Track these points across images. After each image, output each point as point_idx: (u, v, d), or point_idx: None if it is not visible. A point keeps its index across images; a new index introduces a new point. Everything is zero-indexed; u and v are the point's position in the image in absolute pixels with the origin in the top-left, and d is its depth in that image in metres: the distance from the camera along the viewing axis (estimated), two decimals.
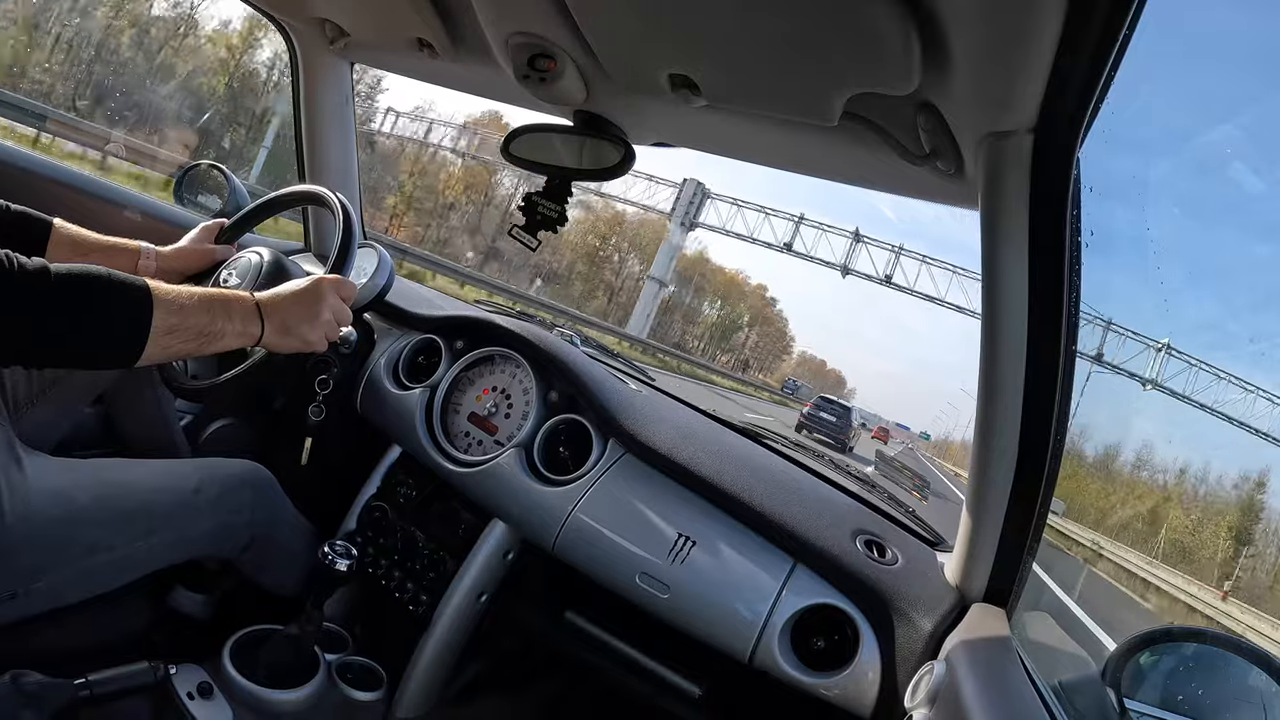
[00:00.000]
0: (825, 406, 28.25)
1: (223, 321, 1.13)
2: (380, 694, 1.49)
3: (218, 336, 1.13)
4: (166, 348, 1.05)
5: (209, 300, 1.12)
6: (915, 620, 1.25)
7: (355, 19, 1.54)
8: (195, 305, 1.09)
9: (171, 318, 1.05)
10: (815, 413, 27.68)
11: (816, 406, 28.32)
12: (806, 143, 1.20)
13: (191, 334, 1.08)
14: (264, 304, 1.20)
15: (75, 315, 0.96)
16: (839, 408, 28.48)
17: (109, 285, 1.00)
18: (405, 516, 1.67)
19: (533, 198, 1.39)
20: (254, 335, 1.19)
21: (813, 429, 26.09)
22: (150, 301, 1.03)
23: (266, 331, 1.20)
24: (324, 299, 1.28)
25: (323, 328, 1.28)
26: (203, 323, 1.10)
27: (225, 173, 1.93)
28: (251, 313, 1.18)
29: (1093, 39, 0.71)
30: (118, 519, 1.26)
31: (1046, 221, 0.92)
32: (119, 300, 1.01)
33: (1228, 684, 1.30)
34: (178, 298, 1.07)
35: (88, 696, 1.06)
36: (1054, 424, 1.05)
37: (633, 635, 1.55)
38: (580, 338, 2.13)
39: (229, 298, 1.16)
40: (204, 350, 1.12)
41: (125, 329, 1.01)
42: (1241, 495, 45.31)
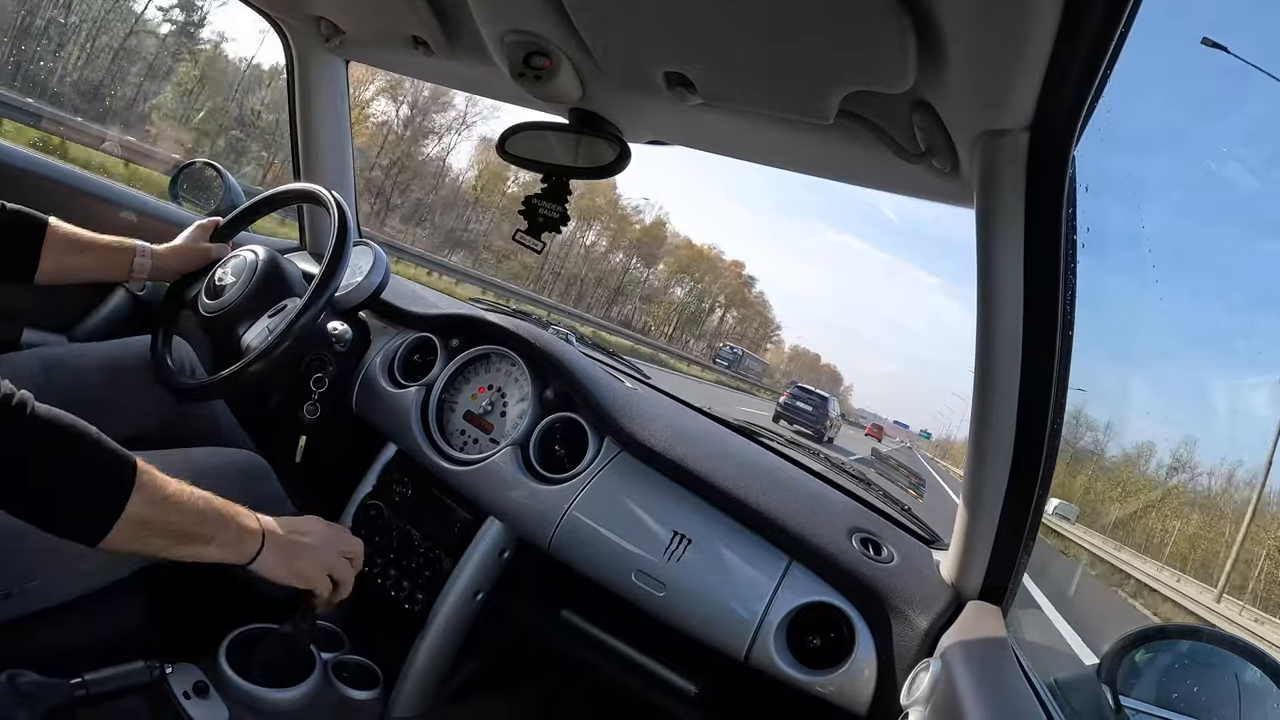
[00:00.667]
0: (802, 396, 28.33)
1: (215, 529, 1.06)
2: (376, 693, 1.49)
3: (201, 543, 1.05)
4: (134, 539, 0.97)
5: (206, 506, 1.05)
6: (911, 618, 1.25)
7: (351, 17, 1.54)
8: (187, 505, 1.02)
9: (152, 510, 0.97)
10: (792, 402, 27.71)
11: (793, 396, 28.34)
12: (802, 141, 1.20)
13: (170, 533, 1.01)
14: (270, 531, 1.14)
15: (38, 467, 0.89)
16: (815, 397, 28.47)
17: (92, 450, 0.93)
18: (401, 515, 1.67)
19: (533, 200, 1.39)
20: (249, 554, 1.11)
21: (789, 419, 26.03)
22: (132, 484, 0.95)
23: (264, 552, 1.13)
24: (328, 541, 1.23)
25: (324, 566, 1.21)
26: (188, 524, 1.02)
27: (220, 171, 1.93)
28: (252, 533, 1.12)
29: (1089, 37, 0.71)
30: None
31: (1042, 220, 0.92)
32: (99, 470, 0.93)
33: (1223, 681, 1.30)
34: (168, 494, 0.99)
35: (83, 696, 1.06)
36: (1049, 422, 1.06)
37: (629, 633, 1.55)
38: (576, 335, 2.13)
39: (229, 512, 1.09)
40: (178, 554, 1.04)
41: (93, 504, 0.93)
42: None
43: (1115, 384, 47.86)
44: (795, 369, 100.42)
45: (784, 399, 28.38)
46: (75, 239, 1.46)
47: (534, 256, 44.14)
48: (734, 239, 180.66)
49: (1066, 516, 33.90)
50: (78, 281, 1.52)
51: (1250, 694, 1.26)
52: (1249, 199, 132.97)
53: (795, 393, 28.66)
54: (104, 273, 1.53)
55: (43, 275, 1.43)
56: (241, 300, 1.54)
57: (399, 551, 1.64)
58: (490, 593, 1.62)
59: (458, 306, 1.98)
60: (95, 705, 1.08)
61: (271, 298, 1.56)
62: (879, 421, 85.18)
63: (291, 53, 1.93)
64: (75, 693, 1.05)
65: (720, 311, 75.85)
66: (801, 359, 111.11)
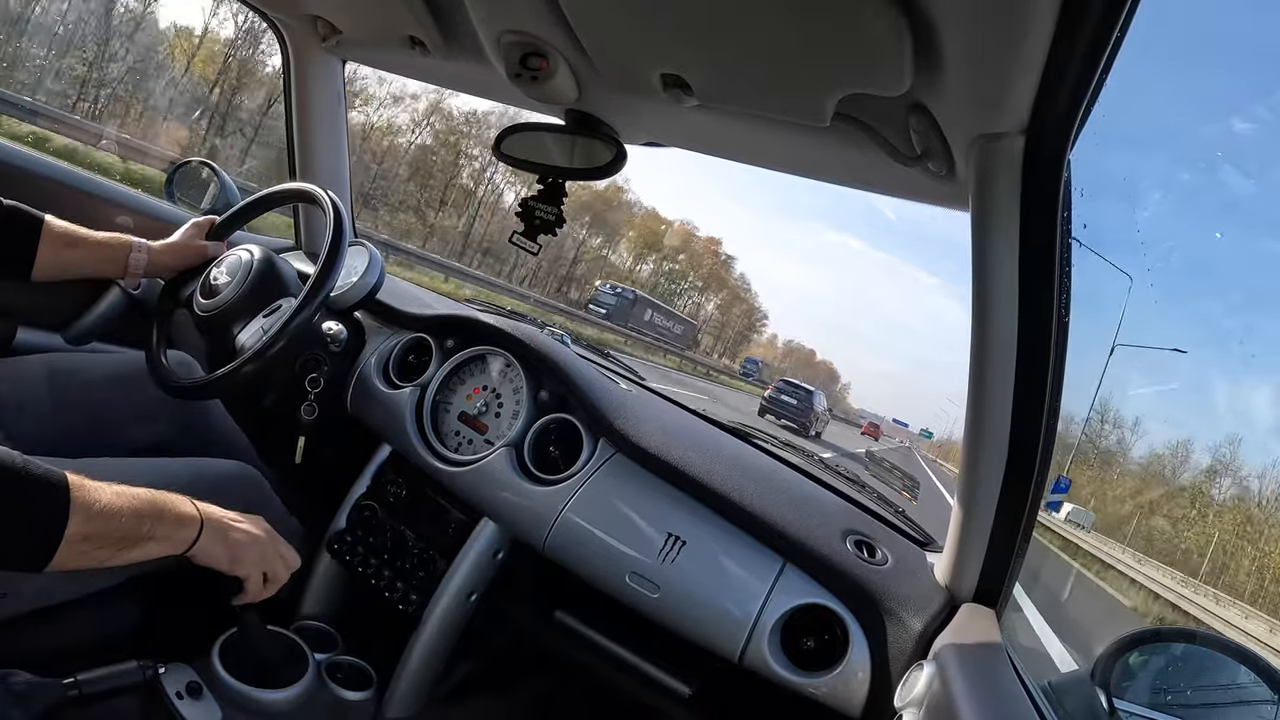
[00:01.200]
0: (787, 390, 28.32)
1: (154, 525, 1.03)
2: (370, 693, 1.49)
3: (144, 540, 1.02)
4: (81, 554, 0.95)
5: (141, 504, 1.03)
6: (905, 620, 1.25)
7: (347, 16, 1.54)
8: (124, 510, 0.99)
9: (91, 524, 0.94)
10: (777, 395, 27.74)
11: (778, 390, 28.37)
12: (798, 143, 1.20)
13: (113, 540, 0.99)
14: (203, 510, 1.12)
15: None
16: (801, 391, 28.38)
17: (22, 479, 0.90)
18: (395, 516, 1.67)
19: (529, 203, 1.39)
20: (186, 541, 1.09)
21: (774, 412, 26.20)
22: (68, 504, 0.93)
23: (202, 538, 1.10)
24: (269, 533, 1.22)
25: (262, 550, 1.19)
26: (128, 527, 1.00)
27: (215, 169, 1.93)
28: (189, 518, 1.09)
29: (1085, 41, 0.71)
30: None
31: (1037, 223, 0.92)
32: (31, 498, 0.91)
33: (1216, 684, 1.30)
34: (102, 503, 0.97)
35: (77, 696, 1.06)
36: (1044, 425, 1.06)
37: (623, 635, 1.55)
38: (570, 337, 2.13)
39: (160, 499, 1.07)
40: (123, 558, 1.01)
41: (31, 533, 0.91)
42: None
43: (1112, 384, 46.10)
44: (789, 366, 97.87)
45: (769, 393, 28.44)
46: (71, 235, 1.45)
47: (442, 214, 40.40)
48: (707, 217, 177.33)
49: (1080, 524, 31.08)
50: (74, 277, 1.52)
51: (1242, 696, 1.26)
52: (1244, 201, 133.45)
53: (780, 386, 28.81)
54: (100, 269, 1.53)
55: (39, 271, 1.43)
56: (236, 300, 1.53)
57: (393, 552, 1.64)
58: (484, 594, 1.62)
59: (453, 307, 1.98)
60: (88, 705, 1.07)
61: (266, 297, 1.56)
62: (876, 420, 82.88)
63: (288, 52, 1.93)
64: (68, 693, 1.05)
65: (699, 298, 71.88)
66: (795, 355, 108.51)
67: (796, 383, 29.75)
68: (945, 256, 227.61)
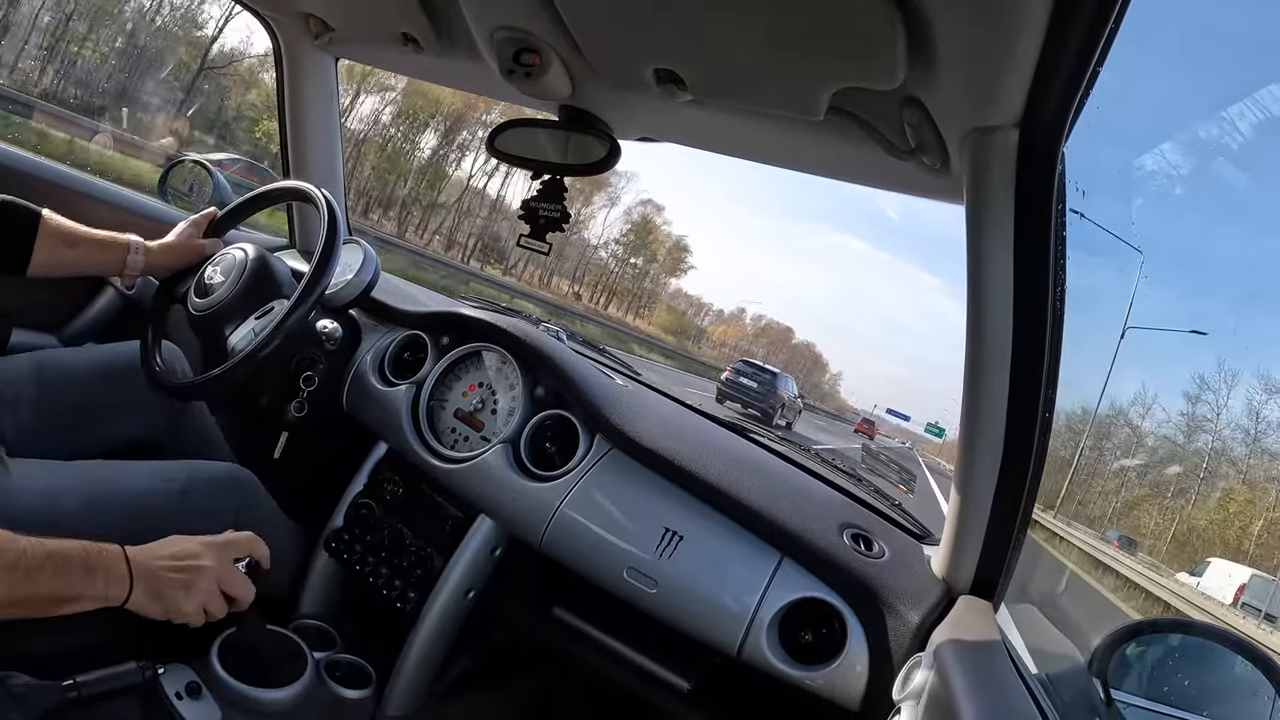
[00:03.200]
0: (746, 371, 24.11)
1: (81, 585, 1.00)
2: (369, 691, 1.49)
3: (72, 601, 1.00)
4: (9, 612, 0.94)
5: (66, 563, 0.99)
6: (902, 613, 1.26)
7: (340, 14, 1.53)
8: (47, 571, 0.97)
9: (15, 590, 0.93)
10: (734, 378, 23.66)
11: (736, 371, 24.19)
12: (792, 138, 1.20)
13: (40, 602, 0.97)
14: (136, 563, 1.08)
15: None
16: (764, 374, 24.09)
17: None
18: (392, 513, 1.67)
19: (531, 204, 1.38)
20: (118, 598, 1.05)
21: (731, 397, 22.69)
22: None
23: (134, 593, 1.06)
24: (205, 570, 1.15)
25: (200, 597, 1.14)
26: (55, 588, 0.97)
27: (209, 168, 1.92)
28: (120, 575, 1.05)
29: (1079, 34, 0.71)
30: (105, 521, 1.25)
31: (1031, 216, 0.92)
32: None
33: (1213, 673, 1.31)
34: (23, 559, 0.94)
35: (76, 698, 1.05)
36: (1039, 417, 1.06)
37: (621, 630, 1.55)
38: (566, 333, 2.13)
39: (92, 556, 1.03)
40: (54, 612, 0.99)
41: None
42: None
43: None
44: (762, 346, 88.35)
45: (726, 374, 24.40)
46: (68, 232, 1.45)
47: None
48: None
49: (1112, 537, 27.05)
50: (70, 275, 1.51)
51: (1239, 686, 1.27)
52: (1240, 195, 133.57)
53: (739, 367, 24.53)
54: (97, 267, 1.53)
55: (35, 268, 1.42)
56: (230, 299, 1.53)
57: (390, 550, 1.63)
58: (482, 590, 1.62)
59: (448, 304, 1.97)
60: (87, 707, 1.07)
61: (260, 297, 1.55)
62: (870, 416, 70.48)
63: (280, 50, 1.92)
64: (67, 694, 1.05)
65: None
66: (769, 334, 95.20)
67: (758, 363, 25.62)
68: (947, 256, 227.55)
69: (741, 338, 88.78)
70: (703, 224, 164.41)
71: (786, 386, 25.52)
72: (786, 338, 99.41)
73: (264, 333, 1.46)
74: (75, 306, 1.73)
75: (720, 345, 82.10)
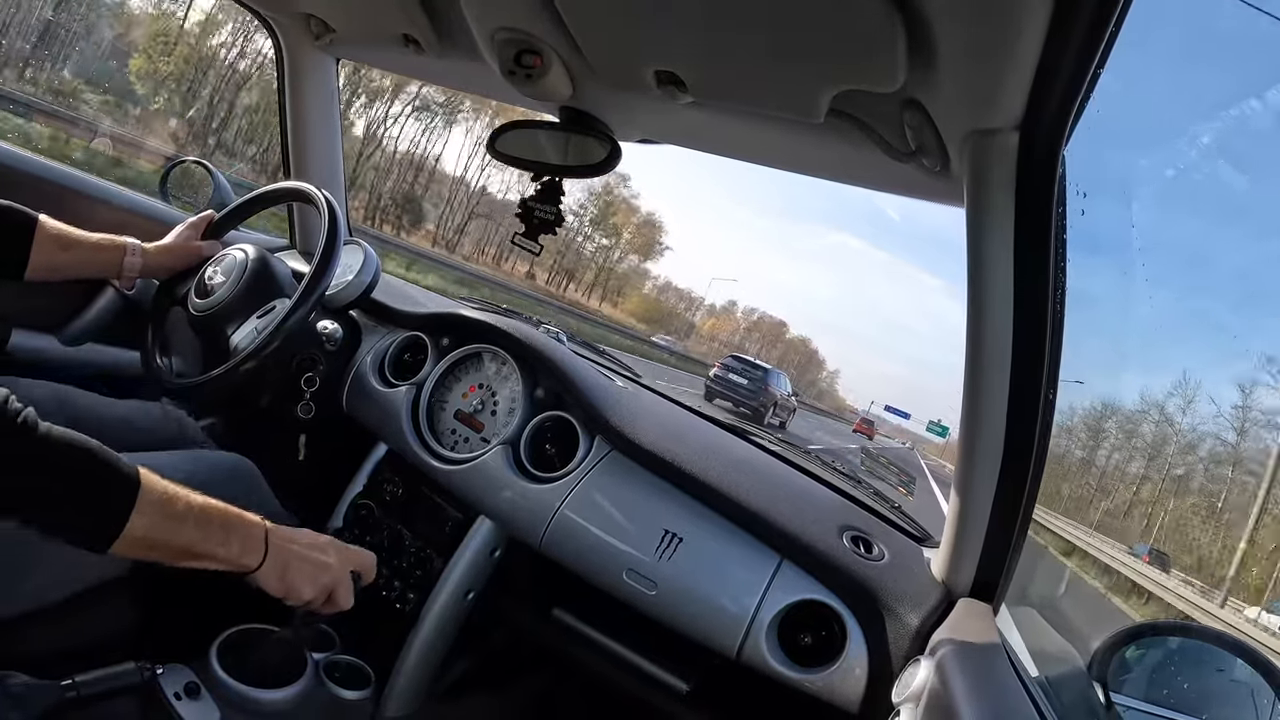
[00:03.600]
0: (736, 367, 23.04)
1: (217, 544, 1.02)
2: (368, 693, 1.48)
3: (205, 558, 1.02)
4: (142, 552, 0.96)
5: (208, 518, 1.02)
6: (902, 616, 1.26)
7: (341, 15, 1.53)
8: (191, 520, 0.99)
9: (153, 529, 0.95)
10: (724, 375, 22.65)
11: (725, 367, 23.16)
12: (792, 140, 1.21)
13: (173, 550, 0.99)
14: (274, 538, 1.11)
15: (45, 483, 0.88)
16: (755, 370, 23.11)
17: (96, 465, 0.91)
18: (392, 514, 1.67)
19: (528, 203, 1.39)
20: (249, 565, 1.07)
21: (721, 394, 21.79)
22: (134, 500, 0.93)
23: (265, 566, 1.08)
24: (330, 568, 1.18)
25: (318, 590, 1.16)
26: (192, 540, 0.99)
27: (210, 169, 1.92)
28: (257, 543, 1.08)
29: (1079, 37, 0.72)
30: None
31: (1031, 218, 0.92)
32: (100, 485, 0.92)
33: (1212, 677, 1.31)
34: (171, 505, 0.97)
35: (74, 698, 1.05)
36: (1039, 420, 1.06)
37: (620, 632, 1.55)
38: (567, 334, 2.13)
39: (233, 519, 1.06)
40: (181, 564, 1.01)
41: (93, 519, 0.92)
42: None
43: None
44: (753, 343, 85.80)
45: (715, 370, 23.38)
46: (65, 236, 1.45)
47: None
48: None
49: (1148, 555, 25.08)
50: (68, 279, 1.51)
51: (1238, 689, 1.27)
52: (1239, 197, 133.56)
53: (729, 364, 23.50)
54: (94, 270, 1.53)
55: (32, 272, 1.42)
56: (231, 300, 1.53)
57: (390, 551, 1.63)
58: (481, 592, 1.62)
59: (448, 305, 1.97)
60: (86, 707, 1.07)
61: (261, 297, 1.55)
62: (869, 416, 66.65)
63: (281, 51, 1.92)
64: (66, 694, 1.05)
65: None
66: (761, 328, 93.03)
67: (748, 359, 24.58)
68: (947, 257, 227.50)
69: (731, 331, 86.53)
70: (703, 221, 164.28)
71: (779, 383, 24.48)
72: (779, 332, 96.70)
73: (266, 331, 1.46)
74: (75, 308, 1.73)
75: (710, 340, 79.89)
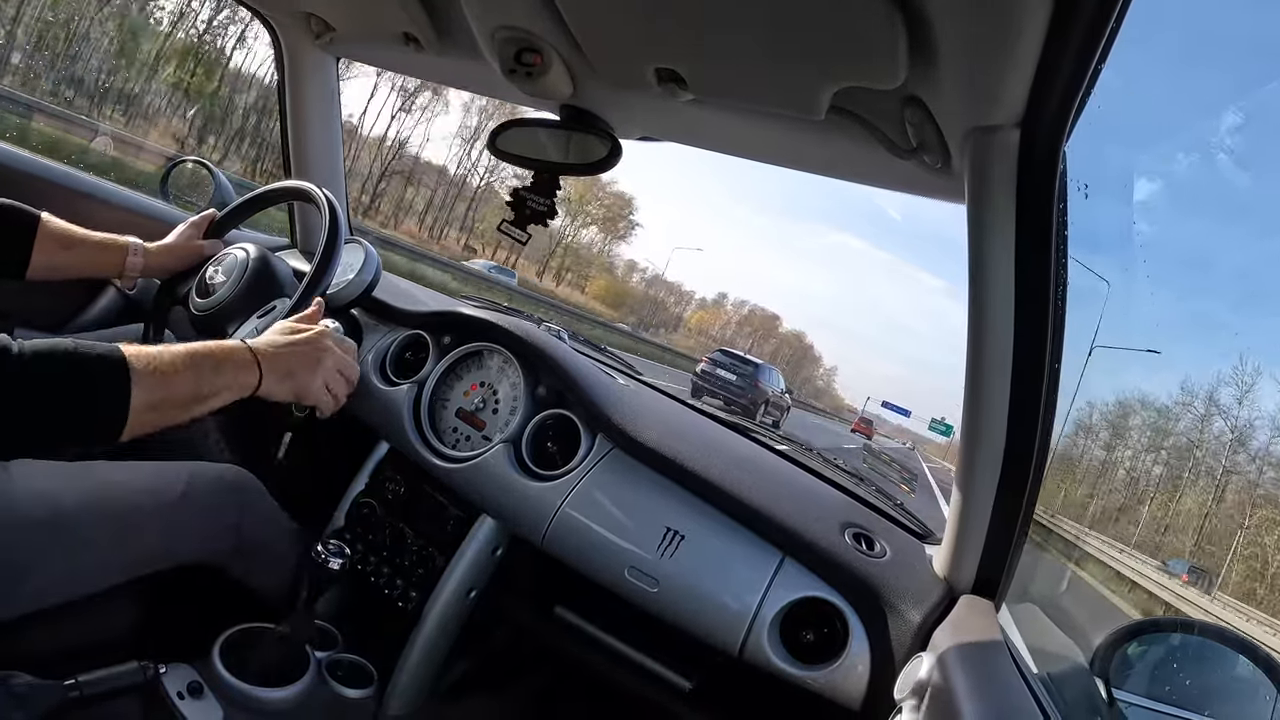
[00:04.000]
0: (724, 362, 21.56)
1: (212, 380, 1.06)
2: (370, 691, 1.49)
3: (210, 397, 1.06)
4: (151, 423, 0.98)
5: (195, 361, 1.04)
6: (904, 613, 1.26)
7: (341, 14, 1.53)
8: (180, 372, 1.02)
9: (154, 393, 0.97)
10: (712, 370, 21.11)
11: (714, 362, 21.59)
12: (793, 137, 1.20)
13: (180, 403, 1.02)
14: (260, 351, 1.15)
15: (41, 401, 0.89)
16: (745, 365, 21.52)
17: (80, 362, 0.92)
18: (393, 513, 1.67)
19: (521, 193, 1.39)
20: (251, 385, 1.12)
21: (710, 390, 20.06)
22: (128, 377, 0.95)
23: (265, 378, 1.14)
24: (325, 347, 1.24)
25: (324, 376, 1.23)
26: (191, 388, 1.03)
27: (210, 168, 1.93)
28: (247, 363, 1.12)
29: (1080, 33, 0.71)
30: (105, 521, 1.25)
31: (1033, 215, 0.92)
32: (92, 379, 0.94)
33: (1214, 673, 1.31)
34: (159, 366, 0.99)
35: (77, 697, 1.06)
36: (1041, 416, 1.06)
37: (622, 630, 1.55)
38: (568, 332, 2.14)
39: (218, 352, 1.09)
40: (197, 414, 1.05)
41: (99, 410, 0.94)
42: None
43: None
44: (744, 337, 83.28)
45: (703, 366, 21.76)
46: (67, 235, 1.45)
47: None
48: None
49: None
50: (69, 278, 1.52)
51: (1240, 685, 1.27)
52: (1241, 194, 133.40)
53: (717, 358, 21.98)
54: (96, 270, 1.53)
55: (34, 271, 1.42)
56: (232, 299, 1.53)
57: (392, 549, 1.64)
58: (483, 590, 1.62)
59: (449, 303, 1.97)
60: (89, 706, 1.08)
61: (262, 297, 1.55)
62: (868, 415, 64.68)
63: (281, 50, 1.92)
64: (69, 694, 1.05)
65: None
66: (753, 322, 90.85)
67: (738, 353, 23.11)
68: (948, 257, 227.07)
69: (721, 324, 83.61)
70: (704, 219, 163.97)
71: (771, 380, 22.76)
72: (772, 326, 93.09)
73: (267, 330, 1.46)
74: (77, 307, 1.73)
75: (698, 334, 77.32)
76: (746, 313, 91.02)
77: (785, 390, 25.25)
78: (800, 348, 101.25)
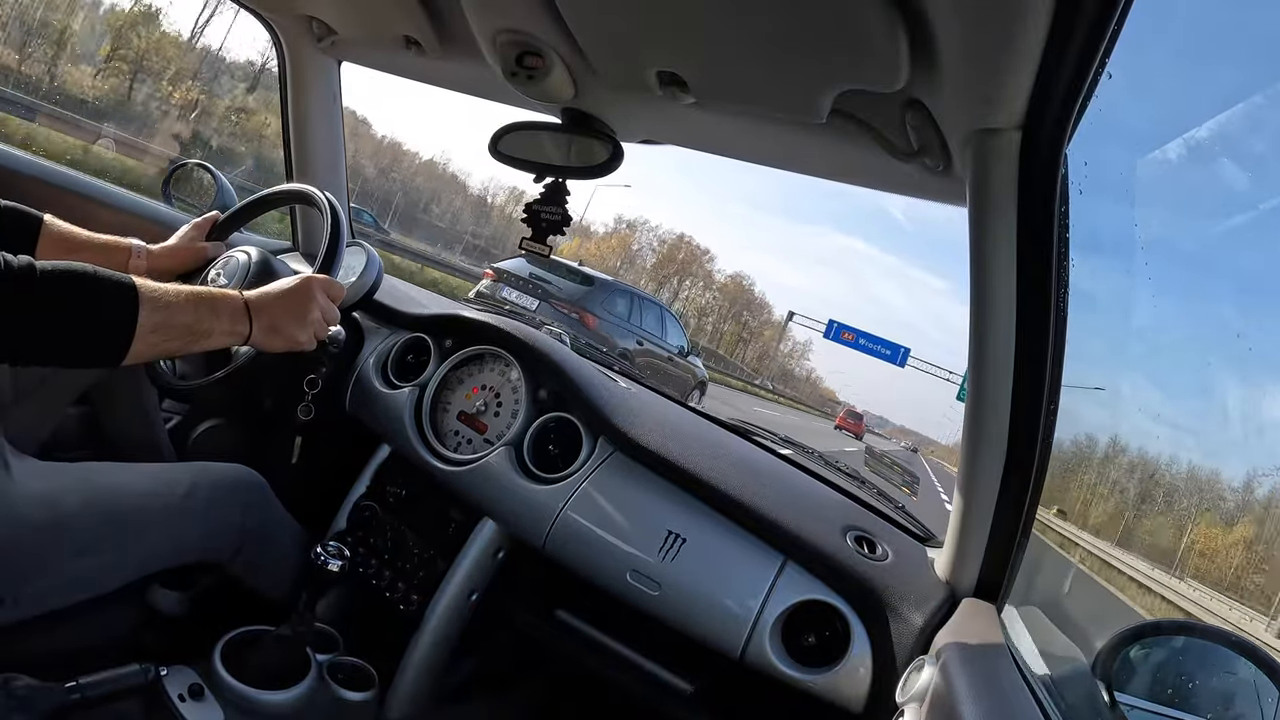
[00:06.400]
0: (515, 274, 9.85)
1: (210, 320, 1.13)
2: (371, 694, 1.49)
3: (205, 335, 1.13)
4: (153, 346, 1.05)
5: (196, 298, 1.11)
6: (906, 616, 1.25)
7: (343, 17, 1.54)
8: (182, 303, 1.08)
9: (157, 315, 1.04)
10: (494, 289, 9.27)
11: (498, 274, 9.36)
12: (795, 140, 1.20)
13: (178, 332, 1.08)
14: (252, 303, 1.20)
15: (61, 313, 0.96)
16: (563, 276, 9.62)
17: (95, 282, 0.99)
18: (395, 516, 1.67)
19: (533, 206, 1.39)
20: (242, 334, 1.19)
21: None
22: (136, 299, 1.02)
23: (254, 330, 1.20)
24: (312, 298, 1.28)
25: (311, 327, 1.28)
26: (189, 321, 1.09)
27: (213, 171, 1.93)
28: (240, 312, 1.18)
29: (1081, 36, 0.71)
30: (107, 523, 1.25)
31: (1034, 217, 0.92)
32: (105, 297, 1.00)
33: (1217, 676, 1.31)
34: (164, 295, 1.06)
35: (79, 700, 1.06)
36: (1043, 419, 1.06)
37: (624, 633, 1.55)
38: (570, 335, 2.13)
39: (217, 296, 1.16)
40: (191, 349, 1.13)
41: (110, 327, 1.01)
42: None
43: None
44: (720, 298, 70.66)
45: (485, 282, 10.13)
46: (70, 237, 1.45)
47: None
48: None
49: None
50: None
51: (1243, 688, 1.26)
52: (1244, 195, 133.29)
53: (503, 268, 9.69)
54: None
55: None
56: None
57: (393, 552, 1.64)
58: (485, 593, 1.62)
59: (451, 307, 1.97)
60: (90, 709, 1.08)
61: None
62: (856, 409, 52.02)
63: (283, 53, 1.92)
64: (70, 696, 1.05)
65: None
66: (729, 290, 75.38)
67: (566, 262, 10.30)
68: (952, 258, 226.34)
69: (622, 258, 67.87)
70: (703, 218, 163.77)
71: (638, 315, 10.28)
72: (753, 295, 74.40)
73: None
74: None
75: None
76: (733, 282, 73.51)
77: (690, 350, 13.64)
78: (733, 291, 78.43)
